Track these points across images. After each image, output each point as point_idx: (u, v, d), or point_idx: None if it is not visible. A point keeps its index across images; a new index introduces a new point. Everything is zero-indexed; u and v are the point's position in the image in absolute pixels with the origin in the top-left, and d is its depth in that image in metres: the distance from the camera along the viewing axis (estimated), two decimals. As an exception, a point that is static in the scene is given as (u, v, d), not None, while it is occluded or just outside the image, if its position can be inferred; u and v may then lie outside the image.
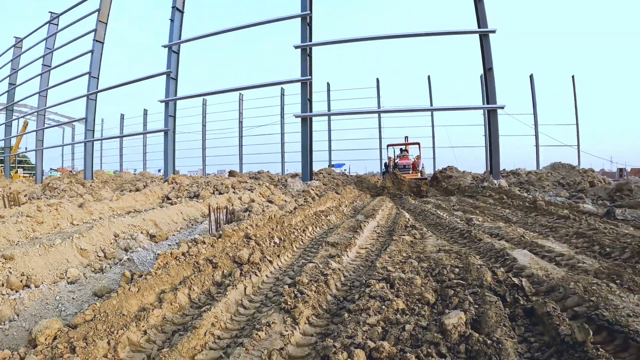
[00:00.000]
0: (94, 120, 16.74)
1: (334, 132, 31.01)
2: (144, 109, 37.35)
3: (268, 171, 18.96)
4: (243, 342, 2.24)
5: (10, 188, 13.19)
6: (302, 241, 5.24)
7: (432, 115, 26.83)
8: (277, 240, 4.83)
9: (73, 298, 3.65)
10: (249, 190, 10.04)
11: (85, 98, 16.41)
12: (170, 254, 3.59)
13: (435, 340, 1.97)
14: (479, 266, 3.13)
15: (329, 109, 30.18)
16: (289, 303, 2.69)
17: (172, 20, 14.84)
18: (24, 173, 29.26)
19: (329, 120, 30.22)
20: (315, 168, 22.64)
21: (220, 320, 2.67)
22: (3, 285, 3.54)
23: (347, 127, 35.97)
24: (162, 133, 15.86)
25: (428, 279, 3.03)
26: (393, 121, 30.38)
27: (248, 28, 14.56)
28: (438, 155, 27.65)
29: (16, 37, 21.58)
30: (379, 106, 27.96)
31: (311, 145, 13.34)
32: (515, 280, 2.81)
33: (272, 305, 2.89)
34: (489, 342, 1.88)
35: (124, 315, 2.68)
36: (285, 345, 2.24)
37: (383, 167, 18.63)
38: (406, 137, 20.30)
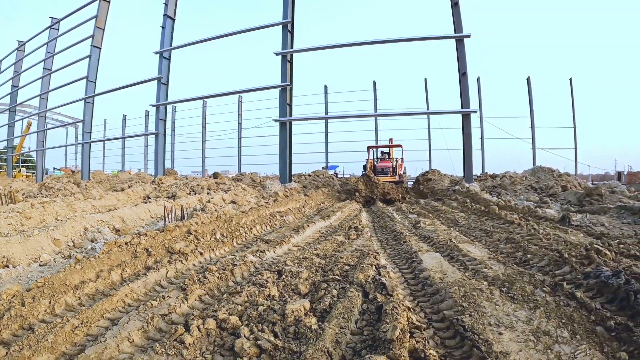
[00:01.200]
0: (91, 122, 18.09)
1: (331, 134, 32.07)
2: (146, 110, 38.91)
3: (253, 173, 20.01)
4: (139, 307, 3.25)
5: (10, 187, 14.50)
6: (244, 238, 6.24)
7: (428, 119, 27.54)
8: (218, 236, 5.84)
9: (41, 276, 4.73)
10: (225, 191, 11.11)
11: (83, 101, 17.77)
12: (115, 242, 4.62)
13: (273, 320, 2.60)
14: (365, 266, 3.78)
15: (326, 112, 31.30)
16: (187, 283, 3.68)
17: (163, 28, 15.98)
18: (27, 172, 31.03)
19: (326, 123, 31.21)
20: (311, 169, 23.68)
21: (134, 292, 3.68)
22: (-13, 265, 4.63)
23: (344, 129, 36.88)
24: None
25: (315, 273, 3.87)
26: (390, 124, 31.28)
27: (238, 35, 15.67)
28: (435, 158, 28.48)
29: (19, 41, 23.16)
30: (375, 109, 28.76)
31: (290, 148, 14.34)
32: (383, 279, 3.26)
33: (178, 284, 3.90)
34: (313, 328, 2.43)
35: (66, 285, 3.70)
36: (169, 313, 3.22)
37: (362, 170, 17.97)
38: (390, 140, 20.31)
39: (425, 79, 29.27)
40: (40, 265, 4.98)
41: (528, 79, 25.85)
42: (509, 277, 3.38)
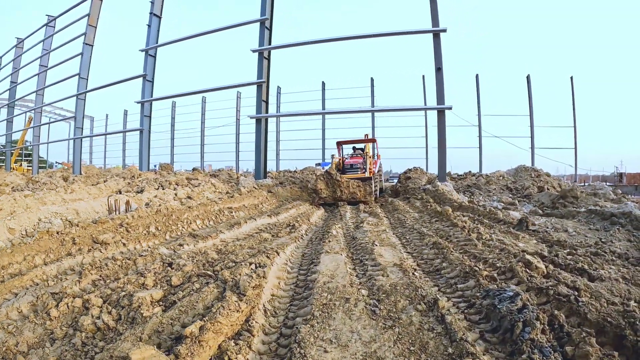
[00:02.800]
0: (83, 118, 19.31)
1: (328, 130, 32.71)
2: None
3: (231, 169, 20.92)
4: (38, 285, 4.11)
5: (5, 180, 15.72)
6: (179, 232, 7.07)
7: (425, 115, 27.89)
8: (152, 230, 6.68)
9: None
10: (196, 186, 12.01)
11: (75, 97, 18.97)
12: (47, 231, 5.51)
13: (123, 305, 3.26)
14: (246, 264, 4.15)
15: (323, 107, 31.90)
16: (85, 269, 4.50)
17: (149, 26, 16.92)
18: (27, 166, 32.82)
19: (324, 118, 31.84)
20: (310, 165, 24.47)
21: (45, 274, 4.53)
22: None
23: (342, 126, 37.32)
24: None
25: (199, 267, 4.48)
26: (388, 121, 31.79)
27: (219, 32, 16.46)
28: (432, 156, 28.77)
29: (18, 38, 24.60)
30: (372, 104, 29.25)
31: (265, 144, 15.15)
32: (245, 279, 3.49)
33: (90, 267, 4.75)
34: (145, 315, 3.08)
35: None
36: (59, 292, 4.00)
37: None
38: (366, 135, 18.44)
39: (424, 76, 29.66)
40: (-10, 251, 5.91)
41: (528, 77, 25.94)
42: (392, 288, 3.39)
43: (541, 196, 11.82)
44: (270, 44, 15.13)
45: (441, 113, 13.87)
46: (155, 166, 33.56)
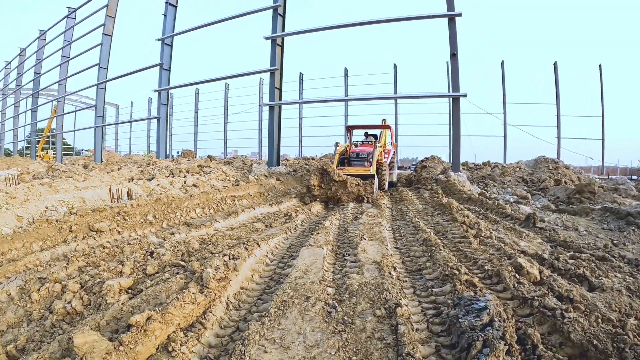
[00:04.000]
0: (103, 107, 19.99)
1: (351, 117, 32.42)
2: (171, 94, 41.21)
3: (245, 156, 21.13)
4: (28, 270, 4.33)
5: (28, 168, 16.57)
6: (177, 220, 7.24)
7: (449, 102, 26.93)
8: (150, 218, 6.88)
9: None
10: (207, 174, 12.26)
11: (96, 87, 19.62)
12: (47, 219, 5.77)
13: (94, 291, 3.59)
14: (215, 254, 4.38)
15: (345, 94, 31.62)
16: (72, 255, 4.71)
17: (165, 15, 17.18)
18: (54, 154, 34.35)
19: (346, 105, 31.58)
20: (328, 152, 24.42)
21: (38, 260, 4.77)
22: (-48, 237, 5.95)
23: (364, 112, 37.00)
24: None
25: (177, 257, 4.51)
26: (409, 107, 31.17)
27: (233, 19, 16.52)
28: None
29: (40, 30, 25.53)
30: (395, 92, 28.69)
31: (279, 132, 15.22)
32: (208, 272, 3.46)
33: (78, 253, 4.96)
34: (109, 302, 3.27)
35: None
36: (46, 277, 4.23)
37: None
38: (383, 120, 16.19)
39: (447, 62, 28.71)
40: None
41: (555, 64, 24.81)
42: (359, 289, 3.34)
43: (557, 190, 11.42)
44: (283, 30, 15.06)
45: (456, 100, 13.56)
46: (177, 152, 34.48)
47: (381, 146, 13.85)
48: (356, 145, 13.65)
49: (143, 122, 40.32)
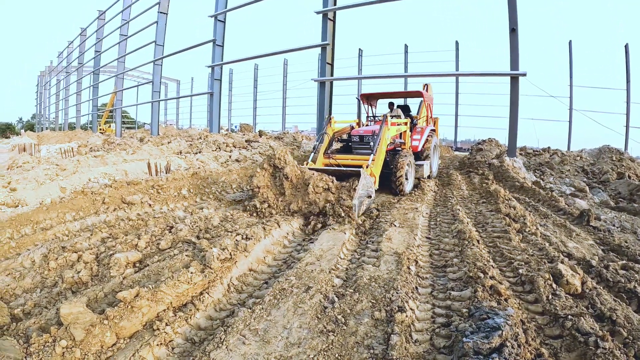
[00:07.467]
0: (160, 82, 20.90)
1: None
2: (230, 69, 42.39)
3: (297, 132, 21.11)
4: (53, 240, 4.59)
5: (87, 141, 17.87)
6: (211, 195, 7.35)
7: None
8: (184, 192, 7.05)
9: (38, 215, 6.48)
10: (255, 149, 12.48)
11: (152, 64, 20.56)
12: (82, 191, 6.10)
13: (104, 263, 3.72)
14: (230, 232, 4.57)
15: (405, 70, 30.51)
16: (96, 226, 4.92)
17: (217, -9, 17.42)
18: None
19: (405, 81, 30.43)
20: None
21: (67, 230, 5.03)
22: (4, 204, 6.50)
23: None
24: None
25: (192, 234, 4.59)
26: (471, 87, 29.40)
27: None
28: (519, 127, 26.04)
29: (99, 10, 27.33)
30: (457, 69, 27.15)
31: (330, 108, 15.02)
32: (214, 252, 3.45)
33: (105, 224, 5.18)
34: (112, 274, 3.39)
35: (30, 220, 5.17)
36: (69, 246, 4.47)
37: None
38: (425, 86, 12.24)
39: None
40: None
41: (626, 46, 22.03)
42: (368, 283, 3.13)
43: (619, 184, 10.21)
44: (335, 4, 14.64)
45: (514, 80, 12.49)
46: (236, 127, 35.63)
47: (414, 122, 10.01)
48: (367, 124, 10.08)
49: (203, 97, 41.76)
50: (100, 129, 30.93)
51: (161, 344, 2.41)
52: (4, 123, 53.67)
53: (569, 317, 2.45)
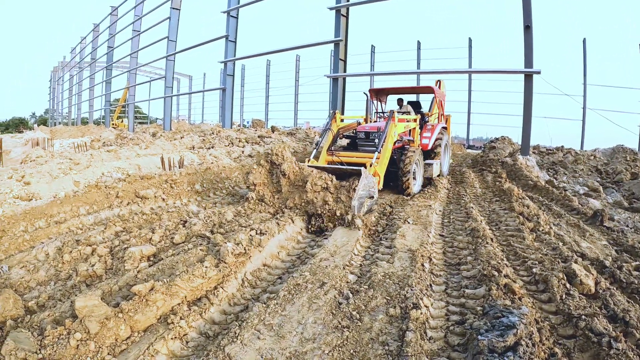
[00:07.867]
0: (172, 78, 21.03)
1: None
2: (242, 65, 42.50)
3: (308, 128, 21.09)
4: (67, 233, 4.64)
5: (100, 136, 18.07)
6: (224, 190, 7.38)
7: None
8: (197, 187, 7.08)
9: (53, 208, 6.57)
10: (268, 144, 12.52)
11: (165, 59, 20.69)
12: (96, 185, 6.16)
13: (119, 257, 3.74)
14: (244, 227, 4.64)
15: (418, 67, 30.24)
16: (110, 220, 4.96)
17: (229, -13, 17.44)
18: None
19: (418, 78, 30.26)
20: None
21: (81, 223, 5.09)
22: (18, 198, 6.60)
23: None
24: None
25: (206, 228, 4.61)
26: (484, 84, 29.00)
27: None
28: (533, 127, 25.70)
29: (112, 6, 27.50)
30: (469, 66, 26.83)
31: (343, 105, 15.00)
32: (229, 247, 3.43)
33: (119, 217, 5.23)
34: (127, 268, 3.43)
35: (44, 213, 5.27)
36: (83, 240, 4.49)
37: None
38: (437, 82, 11.63)
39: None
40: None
41: None
42: (382, 280, 3.11)
43: (633, 185, 10.02)
44: (348, 0, 14.58)
45: (528, 77, 12.35)
46: (247, 122, 35.75)
47: (425, 119, 9.56)
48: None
49: (216, 93, 41.95)
50: (113, 124, 31.24)
51: (175, 337, 2.42)
52: (18, 118, 54.43)
53: (583, 317, 2.44)
